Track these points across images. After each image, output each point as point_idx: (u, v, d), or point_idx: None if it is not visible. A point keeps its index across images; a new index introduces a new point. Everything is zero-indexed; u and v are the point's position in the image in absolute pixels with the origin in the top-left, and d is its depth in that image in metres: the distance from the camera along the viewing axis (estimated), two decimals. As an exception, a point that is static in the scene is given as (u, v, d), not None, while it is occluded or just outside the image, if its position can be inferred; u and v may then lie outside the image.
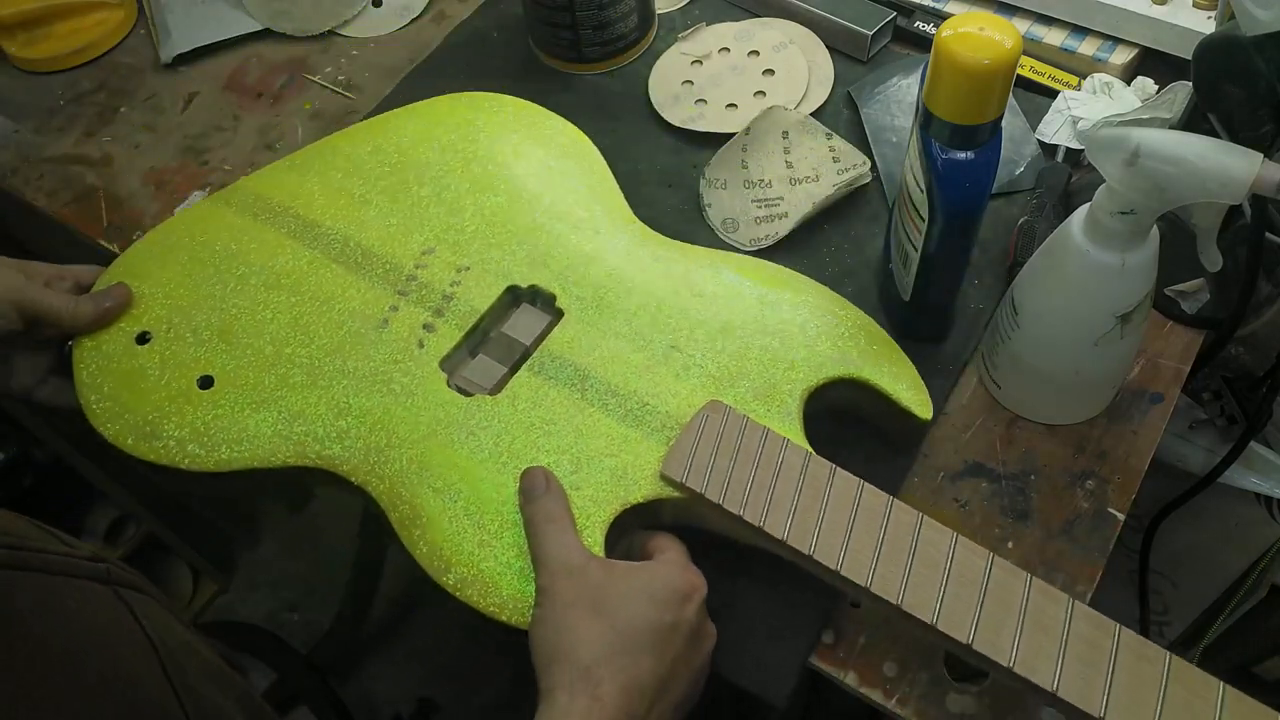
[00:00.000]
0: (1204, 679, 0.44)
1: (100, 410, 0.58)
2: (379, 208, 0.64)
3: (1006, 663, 0.46)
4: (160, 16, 0.89)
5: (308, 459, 0.56)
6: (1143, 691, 0.44)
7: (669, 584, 0.49)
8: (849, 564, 0.49)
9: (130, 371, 0.59)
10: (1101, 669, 0.45)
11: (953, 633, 0.47)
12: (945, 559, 0.48)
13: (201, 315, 0.60)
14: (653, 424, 0.55)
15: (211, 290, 0.61)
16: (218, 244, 0.63)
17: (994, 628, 0.47)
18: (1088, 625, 0.46)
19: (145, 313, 0.61)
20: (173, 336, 0.60)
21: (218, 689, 0.42)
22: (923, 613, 0.47)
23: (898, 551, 0.49)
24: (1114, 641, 0.46)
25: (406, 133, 0.68)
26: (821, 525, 0.50)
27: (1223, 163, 0.46)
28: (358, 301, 0.60)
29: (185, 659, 0.41)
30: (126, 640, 0.39)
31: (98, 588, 0.40)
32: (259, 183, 0.67)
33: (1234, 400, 0.84)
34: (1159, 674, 0.45)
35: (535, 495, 0.52)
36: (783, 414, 0.56)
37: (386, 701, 1.47)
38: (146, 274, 0.62)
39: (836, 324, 0.59)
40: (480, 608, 0.51)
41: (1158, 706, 0.44)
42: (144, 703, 0.38)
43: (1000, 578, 0.48)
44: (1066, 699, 0.45)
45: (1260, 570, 0.95)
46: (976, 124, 0.51)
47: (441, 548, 0.52)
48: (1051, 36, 0.78)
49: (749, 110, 0.76)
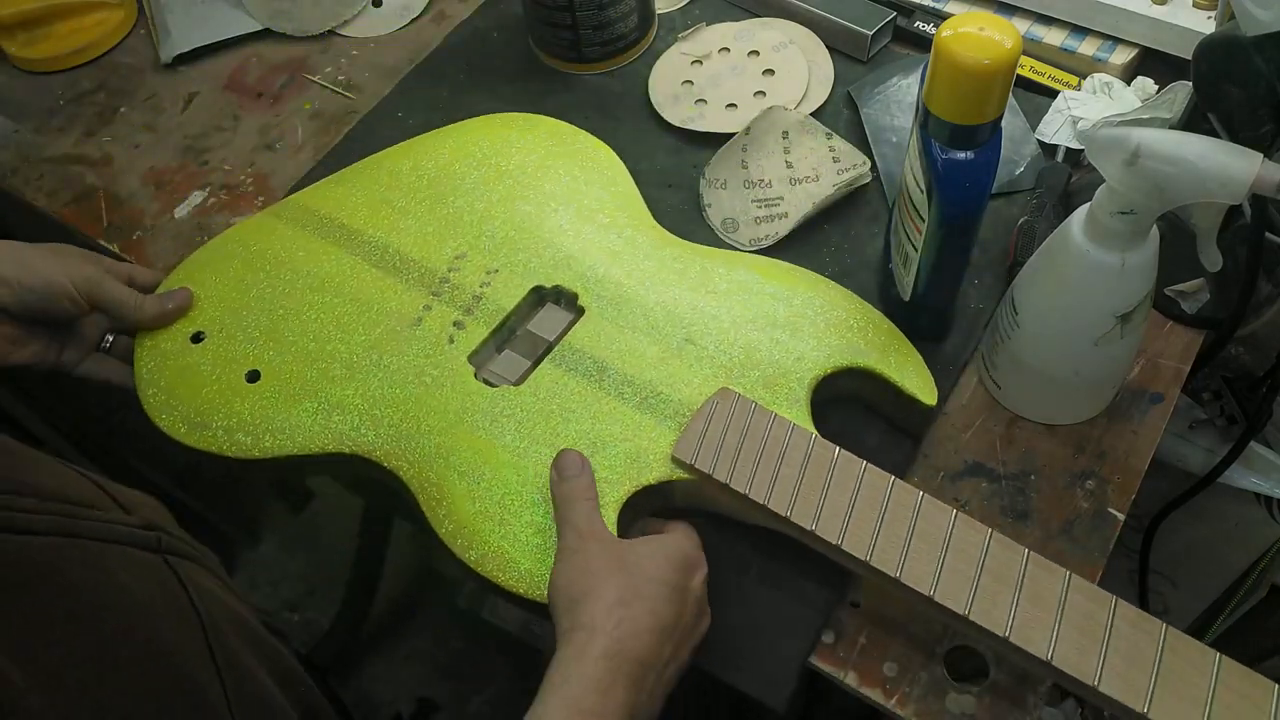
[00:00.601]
0: (1200, 649, 0.46)
1: (156, 402, 0.62)
2: (417, 217, 0.69)
3: (1002, 633, 0.47)
4: (160, 16, 0.89)
5: (345, 446, 0.60)
6: (1139, 661, 0.46)
7: (682, 550, 0.52)
8: (850, 539, 0.51)
9: (185, 367, 0.63)
10: (1097, 639, 0.46)
11: (949, 604, 0.48)
12: (945, 534, 0.50)
13: (251, 317, 0.65)
14: (666, 411, 0.59)
15: (261, 294, 0.66)
16: (269, 253, 0.68)
17: (990, 600, 0.48)
18: (1084, 598, 0.48)
19: (201, 315, 0.65)
20: (225, 336, 0.64)
21: (256, 657, 0.44)
22: (921, 585, 0.49)
23: (898, 527, 0.51)
24: (1110, 613, 0.47)
25: (445, 149, 0.73)
26: (824, 503, 0.53)
27: (1223, 163, 0.46)
28: (394, 302, 0.64)
29: (230, 628, 0.42)
30: (173, 611, 0.40)
31: (149, 557, 0.41)
32: (308, 197, 0.71)
33: (1234, 400, 0.84)
34: (1155, 644, 0.46)
35: (569, 475, 0.55)
36: (790, 401, 0.59)
37: (386, 701, 1.47)
38: (203, 280, 0.67)
39: (845, 317, 0.61)
40: (499, 582, 0.54)
41: (1153, 675, 0.45)
42: (184, 676, 0.39)
43: (998, 552, 0.49)
44: (1061, 668, 0.46)
45: (1260, 570, 0.95)
46: (976, 124, 0.51)
47: (465, 526, 0.56)
48: (1051, 36, 0.78)
49: (749, 110, 0.76)
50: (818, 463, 0.54)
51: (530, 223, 0.68)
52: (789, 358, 0.60)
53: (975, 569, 0.49)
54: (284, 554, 1.61)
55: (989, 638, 0.48)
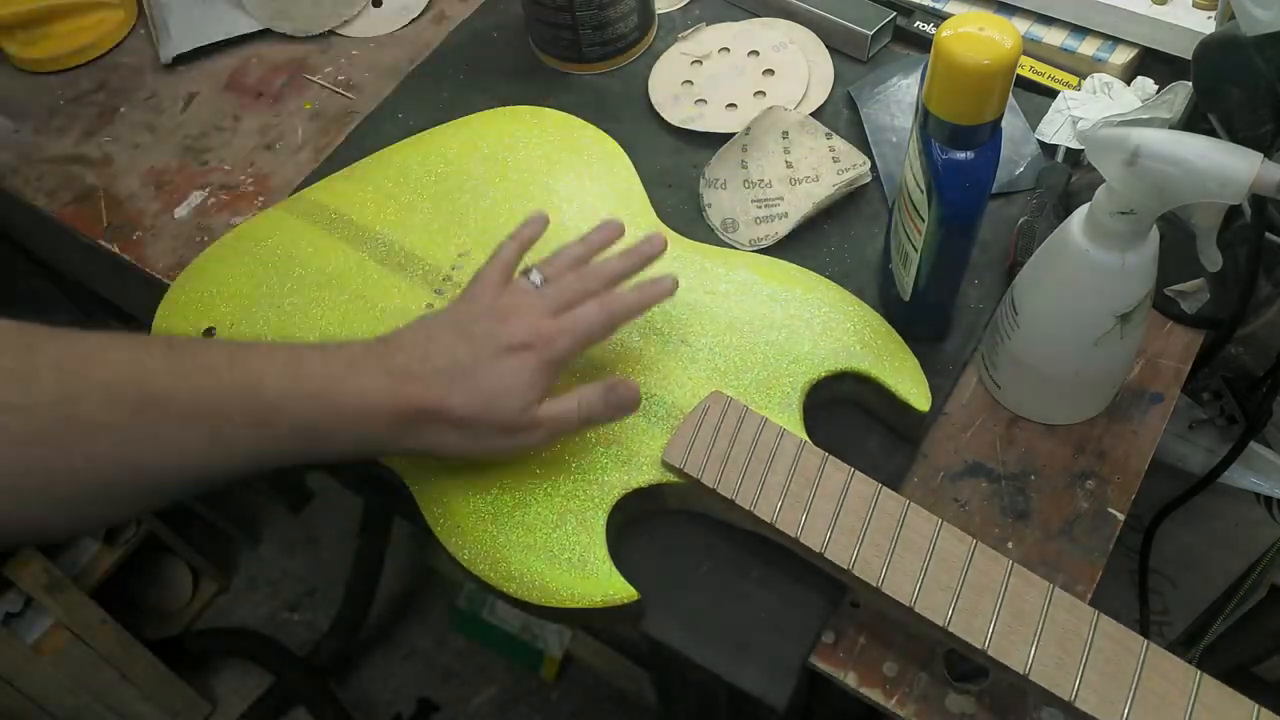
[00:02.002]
0: (1181, 667, 0.45)
1: None
2: (423, 214, 0.69)
3: (980, 645, 0.47)
4: (160, 16, 0.89)
5: None
6: (1117, 678, 0.45)
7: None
8: (833, 546, 0.51)
9: None
10: (1076, 654, 0.46)
11: (929, 615, 0.48)
12: (928, 544, 0.50)
13: (260, 312, 0.65)
14: (659, 413, 0.59)
15: (271, 289, 0.66)
16: (279, 248, 0.68)
17: (971, 611, 0.48)
18: (1066, 612, 0.48)
19: (212, 310, 0.66)
20: (234, 332, 0.65)
21: None
22: (901, 595, 0.49)
23: (882, 536, 0.51)
24: (1091, 628, 0.47)
25: (452, 144, 0.73)
26: (809, 510, 0.53)
27: (1223, 163, 0.46)
28: (398, 299, 0.65)
29: None
30: None
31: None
32: (318, 192, 0.72)
33: (1234, 400, 0.84)
34: (1135, 661, 0.46)
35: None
36: (783, 405, 0.58)
37: (386, 701, 1.47)
38: (214, 275, 0.68)
39: (843, 319, 0.61)
40: (491, 581, 0.54)
41: (1130, 692, 0.45)
42: None
43: (981, 564, 0.49)
44: (1038, 682, 0.46)
45: (1260, 570, 0.95)
46: (976, 124, 0.51)
47: (460, 525, 0.56)
48: (1051, 36, 0.78)
49: (749, 110, 0.76)
50: (805, 469, 0.54)
51: None
52: (784, 360, 0.60)
53: (958, 580, 0.49)
54: (284, 554, 1.61)
55: (969, 649, 0.48)
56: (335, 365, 0.50)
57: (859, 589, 0.52)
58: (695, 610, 0.56)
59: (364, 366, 0.50)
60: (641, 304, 0.57)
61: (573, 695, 1.44)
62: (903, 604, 0.49)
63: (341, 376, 0.49)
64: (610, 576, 0.54)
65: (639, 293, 0.57)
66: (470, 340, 0.53)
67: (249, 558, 1.61)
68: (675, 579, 0.57)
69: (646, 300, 0.57)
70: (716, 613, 0.56)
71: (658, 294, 0.57)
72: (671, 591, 0.57)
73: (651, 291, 0.57)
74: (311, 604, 1.56)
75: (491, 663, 1.48)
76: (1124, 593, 1.02)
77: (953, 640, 0.49)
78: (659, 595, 0.56)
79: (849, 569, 0.51)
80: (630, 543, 0.58)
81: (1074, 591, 0.56)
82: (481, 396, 0.51)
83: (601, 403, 0.54)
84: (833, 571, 0.52)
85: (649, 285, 0.57)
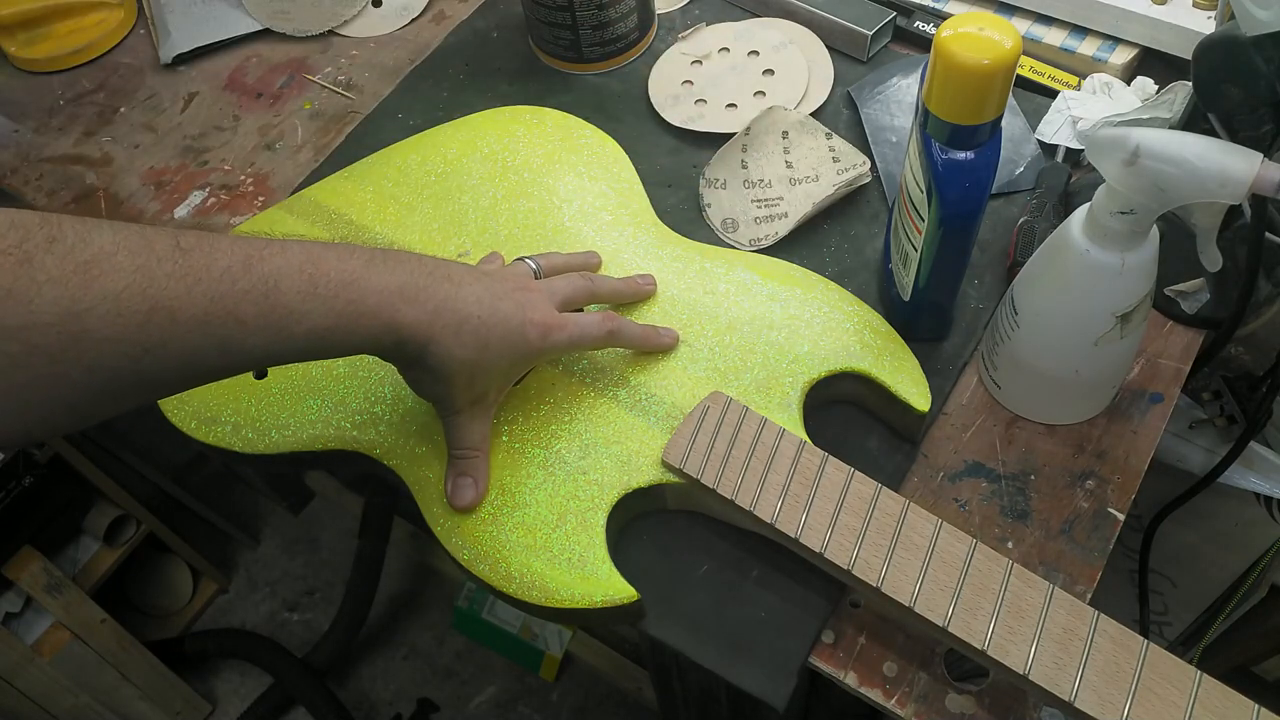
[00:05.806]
0: (1181, 667, 0.45)
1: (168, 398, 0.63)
2: (423, 213, 0.69)
3: (980, 645, 0.47)
4: (160, 16, 0.89)
5: (346, 443, 0.60)
6: (1117, 678, 0.45)
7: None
8: (833, 547, 0.51)
9: None
10: (1076, 655, 0.46)
11: (929, 615, 0.48)
12: (928, 544, 0.50)
13: None
14: (659, 413, 0.59)
15: None
16: None
17: (970, 612, 0.48)
18: (1065, 612, 0.48)
19: None
20: None
21: None
22: (901, 595, 0.49)
23: (881, 536, 0.51)
24: (1091, 628, 0.47)
25: (452, 144, 0.73)
26: (809, 510, 0.53)
27: (1223, 163, 0.46)
28: None
29: None
30: None
31: None
32: (318, 192, 0.72)
33: (1234, 400, 0.84)
34: (1135, 661, 0.46)
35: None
36: (782, 405, 0.58)
37: (386, 701, 1.47)
38: None
39: (843, 319, 0.61)
40: (491, 581, 0.54)
41: (1130, 692, 0.45)
42: None
43: (981, 564, 0.49)
44: (1038, 682, 0.46)
45: (1260, 570, 0.95)
46: (976, 124, 0.51)
47: (460, 525, 0.56)
48: (1051, 36, 0.78)
49: (749, 110, 0.76)
50: (805, 469, 0.54)
51: (533, 220, 0.68)
52: (783, 360, 0.60)
53: (957, 580, 0.49)
54: (284, 554, 1.61)
55: (968, 649, 0.48)
56: (354, 263, 0.48)
57: (859, 589, 0.52)
58: (695, 610, 0.56)
59: (382, 265, 0.49)
60: (643, 340, 0.60)
61: (573, 695, 1.44)
62: (903, 604, 0.49)
63: (360, 275, 0.48)
64: (610, 577, 0.54)
65: (644, 330, 0.60)
66: (485, 273, 0.55)
67: (249, 558, 1.61)
68: (675, 579, 0.57)
69: (647, 341, 0.60)
70: (716, 613, 0.56)
71: (659, 343, 0.61)
72: (671, 591, 0.57)
73: (655, 339, 0.61)
74: (311, 604, 1.56)
75: (491, 663, 1.48)
76: (1124, 593, 1.02)
77: (952, 640, 0.49)
78: (659, 595, 0.56)
79: (849, 569, 0.51)
80: (630, 543, 0.58)
81: (1074, 591, 0.56)
82: (492, 295, 0.53)
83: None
84: (832, 571, 0.52)
85: (652, 332, 0.61)
